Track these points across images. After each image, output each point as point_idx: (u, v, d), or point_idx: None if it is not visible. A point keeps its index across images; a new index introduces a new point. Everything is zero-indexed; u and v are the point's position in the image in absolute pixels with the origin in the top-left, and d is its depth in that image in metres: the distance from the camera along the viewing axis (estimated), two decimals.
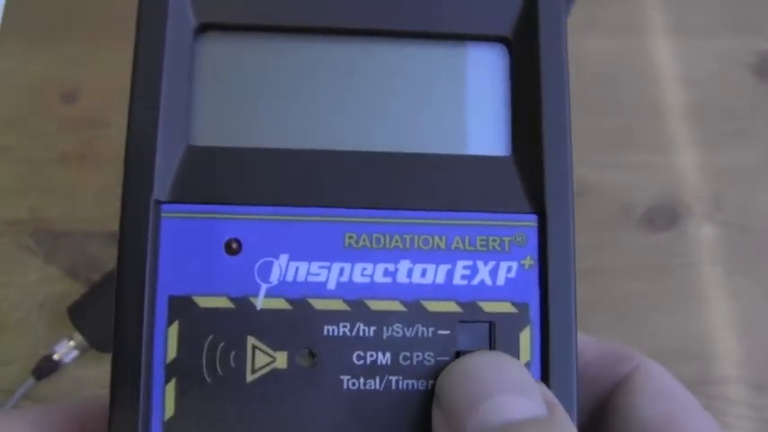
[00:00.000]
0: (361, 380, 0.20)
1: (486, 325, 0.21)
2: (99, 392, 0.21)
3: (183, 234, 0.21)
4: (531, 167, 0.21)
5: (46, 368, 0.46)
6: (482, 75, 0.22)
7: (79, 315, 0.46)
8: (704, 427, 0.22)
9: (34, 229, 0.50)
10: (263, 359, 0.20)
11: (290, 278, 0.21)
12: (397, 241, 0.21)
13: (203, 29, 0.22)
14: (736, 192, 0.53)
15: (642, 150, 0.54)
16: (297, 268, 0.21)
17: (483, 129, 0.22)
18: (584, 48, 0.56)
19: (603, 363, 0.23)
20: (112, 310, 0.20)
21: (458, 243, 0.21)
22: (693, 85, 0.56)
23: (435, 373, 0.20)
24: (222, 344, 0.20)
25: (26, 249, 0.50)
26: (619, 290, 0.51)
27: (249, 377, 0.20)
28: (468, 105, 0.22)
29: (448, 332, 0.21)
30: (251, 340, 0.20)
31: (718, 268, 0.52)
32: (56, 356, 0.46)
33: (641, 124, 0.55)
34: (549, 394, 0.20)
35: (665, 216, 0.53)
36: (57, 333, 0.47)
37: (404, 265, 0.21)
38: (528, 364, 0.21)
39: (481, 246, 0.21)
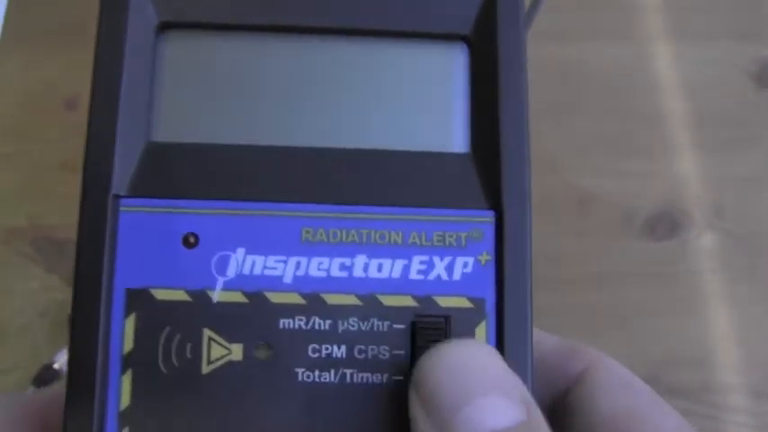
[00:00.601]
0: (317, 372, 0.21)
1: (442, 319, 0.21)
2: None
3: (142, 228, 0.21)
4: (488, 165, 0.22)
5: (46, 377, 0.46)
6: (442, 72, 0.23)
7: None
8: (667, 418, 0.22)
9: (35, 237, 0.50)
10: (219, 351, 0.20)
11: (246, 272, 0.21)
12: (353, 236, 0.21)
13: (165, 27, 0.22)
14: (736, 199, 0.53)
15: (643, 158, 0.54)
16: (253, 262, 0.21)
17: (441, 126, 0.22)
18: (585, 54, 0.56)
19: (558, 359, 0.23)
20: None
21: (414, 238, 0.21)
22: (694, 92, 0.56)
23: (390, 366, 0.21)
24: (178, 336, 0.20)
25: (27, 257, 0.50)
26: (620, 297, 0.51)
27: (205, 369, 0.20)
28: (428, 103, 0.22)
29: (403, 326, 0.21)
30: (207, 333, 0.21)
31: (718, 276, 0.52)
32: (56, 365, 0.46)
33: (642, 132, 0.55)
34: (526, 394, 0.20)
35: (665, 224, 0.53)
36: (57, 342, 0.47)
37: (360, 259, 0.21)
38: None
39: (438, 241, 0.21)
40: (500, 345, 0.21)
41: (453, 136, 0.22)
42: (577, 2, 0.57)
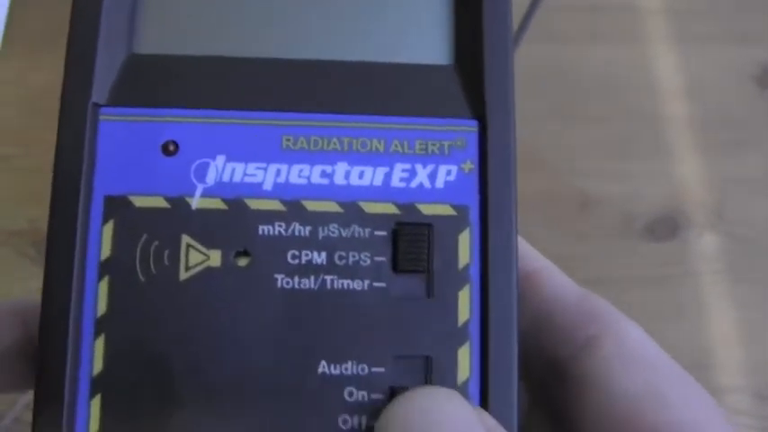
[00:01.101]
0: (296, 279, 0.20)
1: (425, 227, 0.21)
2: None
3: (121, 136, 0.21)
4: (472, 75, 0.22)
5: None
6: None
7: None
8: (694, 400, 0.20)
9: (35, 239, 0.50)
10: (197, 257, 0.20)
11: (226, 179, 0.21)
12: (334, 144, 0.21)
13: None
14: (737, 201, 0.53)
15: (644, 160, 0.54)
16: (233, 169, 0.21)
17: (424, 38, 0.22)
18: (586, 56, 0.56)
19: (575, 317, 0.22)
20: None
21: (396, 146, 0.21)
22: (695, 94, 0.56)
23: (371, 273, 0.20)
24: (156, 242, 0.20)
25: (27, 258, 0.50)
26: (620, 300, 0.50)
27: (183, 275, 0.20)
28: (411, 15, 0.22)
29: (385, 233, 0.21)
30: (185, 239, 0.20)
31: (720, 277, 0.52)
32: None
33: (643, 134, 0.55)
34: (491, 423, 0.19)
35: (666, 225, 0.53)
36: None
37: (341, 167, 0.21)
38: (467, 266, 0.21)
39: (420, 149, 0.21)
40: (484, 251, 0.21)
41: (436, 48, 0.22)
42: (578, 3, 0.57)
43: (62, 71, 0.21)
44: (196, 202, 0.21)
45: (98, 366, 0.20)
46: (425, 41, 0.22)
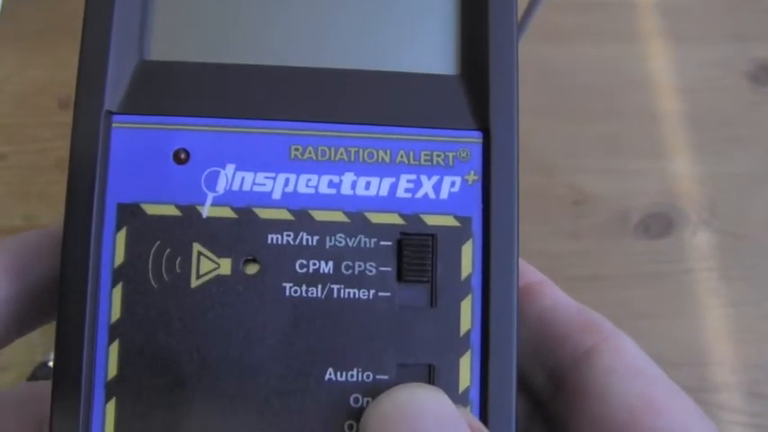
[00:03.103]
0: (303, 287, 0.21)
1: (429, 237, 0.21)
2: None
3: (133, 144, 0.21)
4: (477, 86, 0.22)
5: (42, 375, 0.46)
6: None
7: None
8: (682, 408, 0.21)
9: None
10: (208, 265, 0.21)
11: (236, 188, 0.21)
12: (341, 154, 0.21)
13: None
14: (731, 198, 0.54)
15: (638, 157, 0.54)
16: (243, 178, 0.21)
17: (431, 48, 0.22)
18: (580, 55, 0.56)
19: (573, 330, 0.23)
20: None
21: (402, 157, 0.21)
22: (689, 92, 0.56)
23: (377, 283, 0.21)
24: (168, 250, 0.21)
25: None
26: (614, 296, 0.51)
27: (194, 283, 0.21)
28: (418, 24, 0.23)
29: (390, 243, 0.21)
30: (196, 247, 0.21)
31: (713, 274, 0.52)
32: (51, 363, 0.46)
33: (637, 131, 0.55)
34: (475, 424, 0.19)
35: (660, 223, 0.53)
36: (53, 340, 0.47)
37: (348, 177, 0.21)
38: (469, 277, 0.21)
39: (425, 160, 0.21)
40: (486, 262, 0.21)
41: (443, 58, 0.22)
42: (571, 1, 0.57)
43: (55, 68, 0.21)
44: (207, 211, 0.21)
45: (112, 371, 0.20)
46: (432, 51, 0.22)
